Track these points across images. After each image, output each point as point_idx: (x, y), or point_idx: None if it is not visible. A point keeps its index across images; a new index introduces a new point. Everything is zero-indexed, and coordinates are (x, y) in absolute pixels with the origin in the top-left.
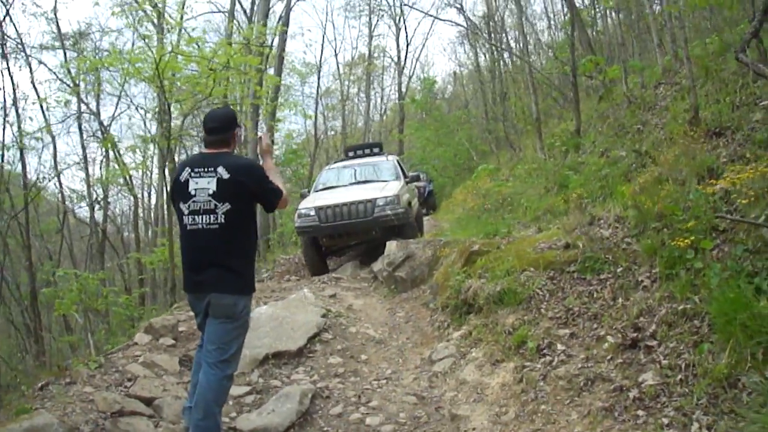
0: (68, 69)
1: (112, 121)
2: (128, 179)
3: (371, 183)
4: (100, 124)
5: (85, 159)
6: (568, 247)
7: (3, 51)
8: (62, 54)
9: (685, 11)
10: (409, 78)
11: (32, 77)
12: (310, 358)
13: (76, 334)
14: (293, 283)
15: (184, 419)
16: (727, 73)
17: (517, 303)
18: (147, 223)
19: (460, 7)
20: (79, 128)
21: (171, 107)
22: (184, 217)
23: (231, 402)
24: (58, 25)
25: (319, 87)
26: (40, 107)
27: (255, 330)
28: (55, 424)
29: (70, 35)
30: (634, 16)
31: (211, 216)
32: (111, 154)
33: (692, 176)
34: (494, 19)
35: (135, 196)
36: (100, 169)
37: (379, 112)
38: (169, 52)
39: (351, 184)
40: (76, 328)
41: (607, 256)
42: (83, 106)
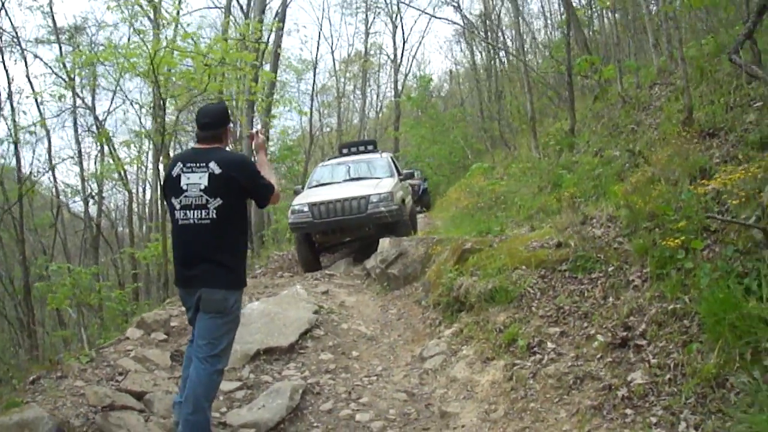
0: (63, 63)
1: (108, 115)
2: (123, 174)
3: (365, 180)
4: (95, 118)
5: (80, 153)
6: (560, 245)
7: None
8: (58, 48)
9: (681, 12)
10: (405, 76)
11: (27, 71)
12: (302, 354)
13: (70, 329)
14: (286, 280)
15: (175, 414)
16: (722, 74)
17: (509, 301)
18: (141, 219)
19: (457, 5)
20: (74, 123)
21: (166, 102)
22: (176, 212)
23: (222, 397)
24: (53, 18)
25: (315, 84)
26: (35, 101)
27: (247, 326)
28: (46, 418)
29: (66, 29)
30: (631, 17)
31: (203, 211)
32: (106, 148)
33: (685, 176)
34: (491, 17)
35: (129, 191)
36: (95, 164)
37: (375, 110)
38: (164, 47)
39: (345, 181)
40: (69, 323)
41: (599, 256)
42: (78, 101)
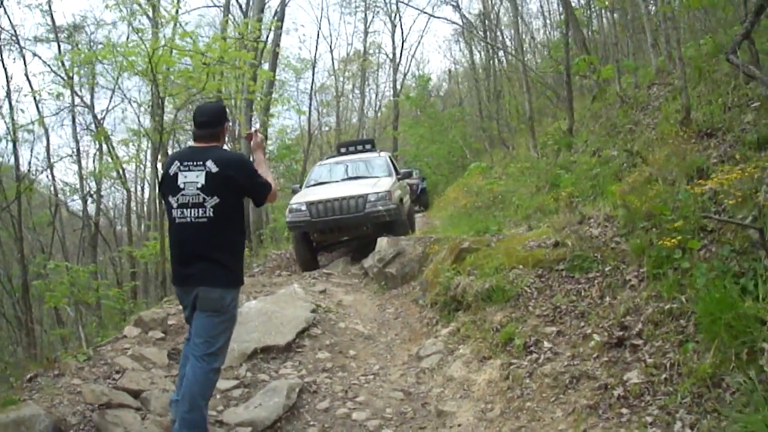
0: (62, 61)
1: (106, 114)
2: (121, 173)
3: (363, 179)
4: (94, 117)
5: (78, 152)
6: (557, 245)
7: None
8: (56, 46)
9: (680, 12)
10: (404, 75)
11: (26, 69)
12: (299, 353)
13: (68, 327)
14: (284, 279)
15: (171, 412)
16: (720, 75)
17: (506, 300)
18: (140, 217)
19: (456, 4)
20: (73, 121)
21: (164, 101)
22: (173, 211)
23: (218, 395)
24: (52, 17)
25: (314, 83)
26: (34, 99)
27: (244, 324)
28: (42, 416)
29: (65, 28)
30: (629, 17)
31: (200, 209)
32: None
33: (682, 176)
34: (490, 17)
35: (128, 190)
36: (94, 163)
37: (374, 109)
38: (162, 46)
39: (343, 180)
40: (67, 321)
41: (596, 255)
42: (77, 99)
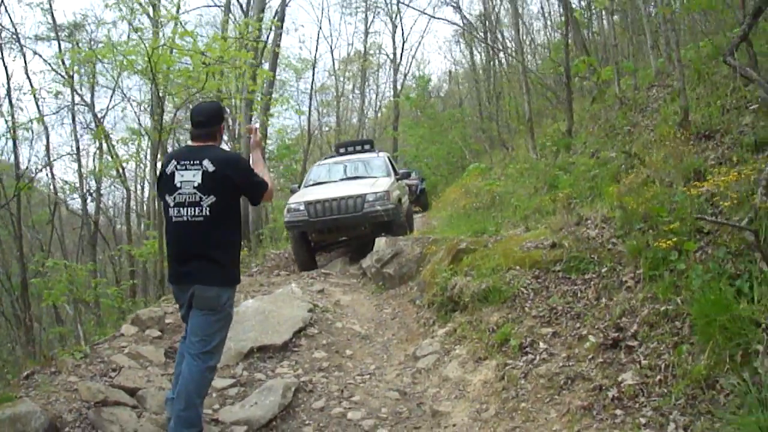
0: (62, 60)
1: (107, 112)
2: (121, 171)
3: (361, 179)
4: (94, 115)
5: (78, 150)
6: (554, 246)
7: None
8: (57, 45)
9: (680, 14)
10: (405, 76)
11: (26, 68)
12: (295, 353)
13: (66, 326)
14: (282, 278)
15: (167, 410)
16: (719, 77)
17: (502, 301)
18: (140, 216)
19: (456, 5)
20: (73, 119)
21: (164, 100)
22: (170, 209)
23: (215, 394)
24: (53, 15)
25: (314, 83)
26: (34, 97)
27: (241, 323)
28: (38, 412)
29: (65, 26)
30: (630, 19)
31: (196, 208)
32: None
33: (679, 178)
34: (490, 18)
35: (128, 189)
36: (93, 161)
37: (374, 109)
38: (162, 45)
39: (341, 180)
40: (66, 320)
41: (593, 256)
42: (77, 98)
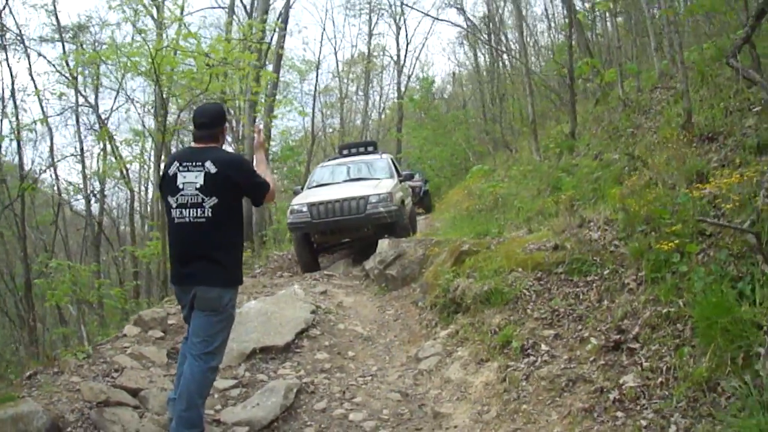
0: (66, 61)
1: (111, 114)
2: (125, 172)
3: (364, 180)
4: (98, 117)
5: (82, 151)
6: (556, 248)
7: (2, 42)
8: (61, 46)
9: (684, 16)
10: (408, 77)
11: (31, 69)
12: (298, 354)
13: (70, 326)
14: (285, 280)
15: (169, 410)
16: (722, 79)
17: (504, 303)
18: (143, 217)
19: (460, 7)
20: (77, 121)
21: (168, 101)
22: (172, 210)
23: (216, 395)
24: (57, 17)
25: (318, 84)
26: (38, 99)
27: (243, 324)
28: (40, 412)
29: (70, 28)
30: (633, 20)
31: (199, 210)
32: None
33: (682, 180)
34: (494, 20)
35: (131, 190)
36: (97, 162)
37: (378, 111)
38: (165, 47)
39: (344, 182)
40: (69, 320)
41: (595, 259)
42: (81, 99)
